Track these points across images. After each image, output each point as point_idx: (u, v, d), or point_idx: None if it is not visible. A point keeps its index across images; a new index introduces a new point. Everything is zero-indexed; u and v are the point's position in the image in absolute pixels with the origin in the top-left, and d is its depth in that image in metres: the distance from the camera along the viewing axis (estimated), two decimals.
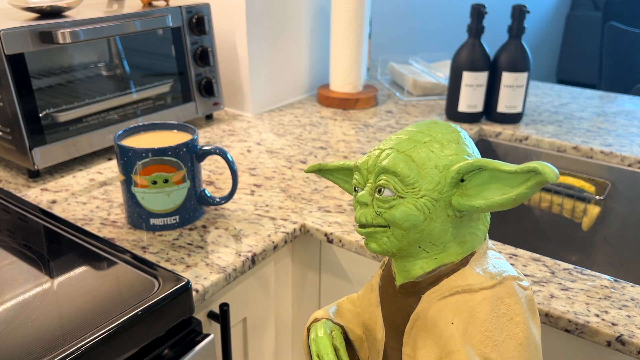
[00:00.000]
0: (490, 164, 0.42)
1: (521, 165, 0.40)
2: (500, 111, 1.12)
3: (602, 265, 1.09)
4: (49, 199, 0.80)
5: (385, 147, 0.46)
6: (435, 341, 0.44)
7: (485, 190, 0.42)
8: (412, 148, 0.44)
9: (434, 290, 0.45)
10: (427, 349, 0.45)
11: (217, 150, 0.72)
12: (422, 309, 0.45)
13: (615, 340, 0.56)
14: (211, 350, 0.59)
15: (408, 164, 0.44)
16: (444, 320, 0.44)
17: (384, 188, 0.44)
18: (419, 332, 0.45)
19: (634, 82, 2.44)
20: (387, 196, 0.44)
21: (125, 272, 0.59)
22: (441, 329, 0.44)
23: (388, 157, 0.44)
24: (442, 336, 0.43)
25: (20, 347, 0.48)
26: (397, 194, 0.44)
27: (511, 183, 0.41)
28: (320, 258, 0.80)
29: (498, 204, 0.41)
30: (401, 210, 0.43)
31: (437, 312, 0.44)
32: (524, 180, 0.40)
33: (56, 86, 0.88)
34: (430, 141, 0.45)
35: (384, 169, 0.44)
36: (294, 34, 1.23)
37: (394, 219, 0.44)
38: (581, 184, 1.04)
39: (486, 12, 1.08)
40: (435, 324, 0.44)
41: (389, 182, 0.44)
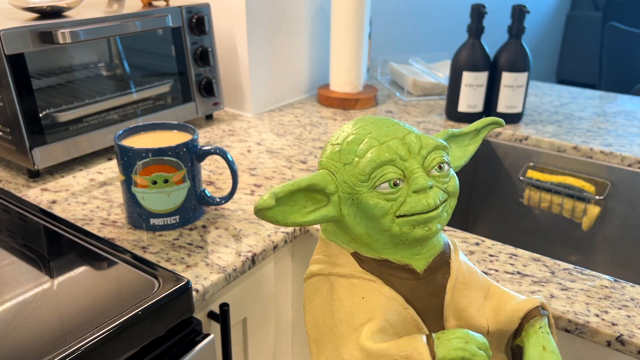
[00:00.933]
0: (457, 131, 0.53)
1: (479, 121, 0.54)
2: (500, 111, 1.12)
3: (602, 265, 1.09)
4: (49, 199, 0.80)
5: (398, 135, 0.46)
6: (477, 287, 0.50)
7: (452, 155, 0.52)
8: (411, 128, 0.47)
9: (453, 251, 0.50)
10: (474, 300, 0.49)
11: (217, 150, 0.72)
12: (456, 270, 0.49)
13: (615, 340, 0.56)
14: (211, 350, 0.59)
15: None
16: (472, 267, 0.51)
17: (443, 164, 0.46)
18: (460, 294, 0.49)
19: (634, 82, 2.43)
20: (447, 170, 0.46)
21: (125, 272, 0.59)
22: (476, 274, 0.51)
23: (427, 137, 0.46)
24: (479, 279, 0.51)
25: (20, 347, 0.48)
26: (449, 166, 0.47)
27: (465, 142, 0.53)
28: None
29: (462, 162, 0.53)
30: (456, 178, 0.47)
31: (466, 265, 0.50)
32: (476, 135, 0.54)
33: (56, 86, 0.88)
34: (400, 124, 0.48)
35: (436, 147, 0.46)
36: (294, 34, 1.23)
37: (456, 189, 0.47)
38: (581, 184, 1.04)
39: (486, 12, 1.08)
40: (471, 273, 0.50)
41: (442, 156, 0.46)
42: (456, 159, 0.53)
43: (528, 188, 1.11)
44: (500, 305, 0.49)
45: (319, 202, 0.46)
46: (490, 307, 0.50)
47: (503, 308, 0.49)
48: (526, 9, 1.07)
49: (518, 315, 0.48)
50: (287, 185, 0.44)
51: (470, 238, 0.73)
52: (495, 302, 0.50)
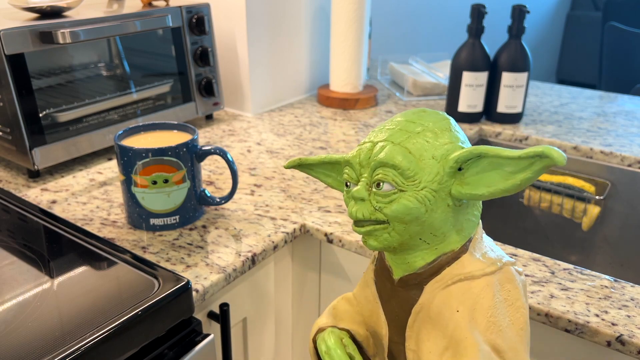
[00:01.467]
0: (491, 150, 0.41)
1: (526, 151, 0.39)
2: (500, 111, 1.12)
3: (602, 265, 1.09)
4: (49, 199, 0.80)
5: (377, 139, 0.44)
6: (442, 331, 0.44)
7: (485, 178, 0.42)
8: (407, 139, 0.43)
9: (436, 280, 0.44)
10: (432, 341, 0.44)
11: (217, 150, 0.72)
12: (425, 300, 0.45)
13: (615, 340, 0.56)
14: (211, 350, 0.59)
15: (406, 156, 0.42)
16: (449, 309, 0.43)
17: (382, 182, 0.43)
18: (422, 325, 0.45)
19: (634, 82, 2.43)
20: (387, 190, 0.43)
21: (125, 272, 0.59)
22: (447, 318, 0.43)
23: (383, 150, 0.43)
24: (449, 325, 0.43)
25: (20, 347, 0.48)
26: (397, 187, 0.42)
27: (514, 168, 0.40)
28: (320, 258, 0.80)
29: (502, 191, 0.41)
30: (402, 204, 0.42)
31: (442, 301, 0.44)
32: (528, 164, 0.40)
33: (56, 86, 0.88)
34: (424, 130, 0.43)
35: (381, 163, 0.43)
36: (294, 34, 1.23)
37: (396, 214, 0.43)
38: (581, 184, 1.04)
39: (486, 12, 1.08)
40: (440, 313, 0.44)
41: (387, 175, 0.42)
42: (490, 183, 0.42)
43: (528, 188, 1.11)
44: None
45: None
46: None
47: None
48: (526, 9, 1.07)
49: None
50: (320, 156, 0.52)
51: None
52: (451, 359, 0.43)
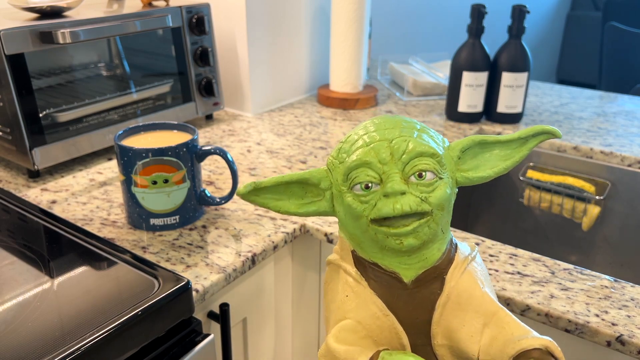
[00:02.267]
0: (489, 138, 0.47)
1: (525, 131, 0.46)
2: (500, 111, 1.12)
3: (602, 265, 1.09)
4: (49, 199, 0.80)
5: (391, 136, 0.44)
6: (476, 310, 0.45)
7: (481, 161, 0.47)
8: (420, 133, 0.45)
9: (454, 267, 0.46)
10: (468, 324, 0.45)
11: (217, 150, 0.72)
12: (450, 288, 0.46)
13: (615, 340, 0.56)
14: (211, 350, 0.59)
15: (437, 146, 0.45)
16: (477, 288, 0.46)
17: (425, 172, 0.43)
18: (451, 315, 0.46)
19: (634, 82, 2.43)
20: (430, 179, 0.44)
21: (125, 272, 0.59)
22: (478, 297, 0.45)
23: (411, 142, 0.44)
24: (483, 303, 0.45)
25: (20, 347, 0.48)
26: (437, 175, 0.44)
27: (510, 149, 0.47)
28: (320, 258, 0.80)
29: (504, 169, 0.47)
30: (444, 190, 0.44)
31: (468, 284, 0.46)
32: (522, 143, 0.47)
33: (56, 86, 0.88)
34: (422, 127, 0.46)
35: (419, 153, 0.43)
36: (294, 34, 1.23)
37: (440, 201, 0.44)
38: (581, 184, 1.04)
39: (486, 12, 1.08)
40: (470, 295, 0.46)
41: (429, 164, 0.44)
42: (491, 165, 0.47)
43: (528, 188, 1.11)
44: (498, 335, 0.44)
45: (317, 196, 0.49)
46: (490, 335, 0.45)
47: (499, 339, 0.44)
48: (526, 9, 1.07)
49: (508, 353, 0.42)
50: (275, 177, 0.48)
51: (470, 238, 0.73)
52: (496, 331, 0.45)
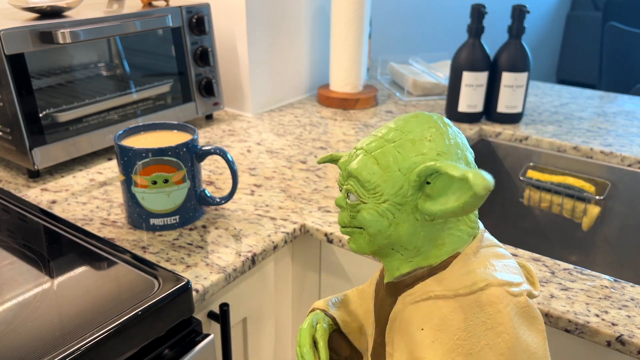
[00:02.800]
0: (443, 167, 0.39)
1: (461, 171, 0.37)
2: (500, 111, 1.12)
3: (602, 265, 1.09)
4: (49, 199, 0.80)
5: (359, 146, 0.45)
6: (406, 345, 0.43)
7: (445, 195, 0.40)
8: (380, 149, 0.43)
9: (409, 293, 0.44)
10: (400, 351, 0.44)
11: (217, 150, 0.72)
12: (397, 310, 0.45)
13: (615, 340, 0.56)
14: (211, 350, 0.59)
15: (370, 168, 0.42)
16: (415, 325, 0.43)
17: (349, 193, 0.44)
18: (395, 333, 0.45)
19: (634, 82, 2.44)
20: (353, 201, 0.44)
21: (125, 272, 0.59)
22: (411, 334, 0.43)
23: (355, 160, 0.44)
24: (412, 341, 0.43)
25: (20, 347, 0.48)
26: (359, 199, 0.43)
27: (462, 189, 0.39)
28: (320, 258, 0.80)
29: (451, 212, 0.39)
30: (363, 215, 0.43)
31: (409, 316, 0.43)
32: (468, 187, 0.38)
33: (56, 86, 0.88)
34: (402, 140, 0.42)
35: (349, 173, 0.44)
36: (294, 34, 1.23)
37: (363, 223, 0.43)
38: (581, 184, 1.04)
39: (486, 12, 1.08)
40: (407, 327, 0.43)
41: (352, 186, 0.43)
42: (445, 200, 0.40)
43: (528, 188, 1.11)
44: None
45: None
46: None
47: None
48: (526, 9, 1.07)
49: None
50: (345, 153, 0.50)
51: None
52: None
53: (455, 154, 0.42)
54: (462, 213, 0.39)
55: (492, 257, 0.44)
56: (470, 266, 0.43)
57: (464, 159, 0.43)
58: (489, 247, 0.44)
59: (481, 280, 0.41)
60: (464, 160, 0.43)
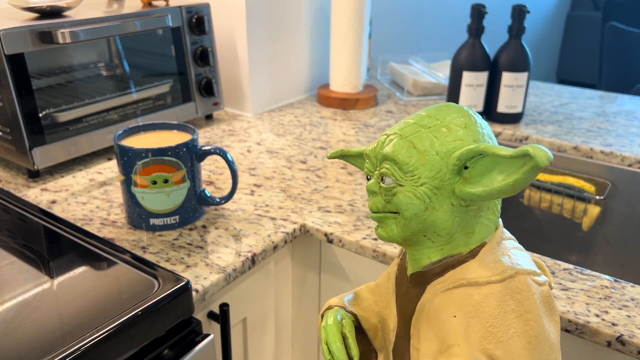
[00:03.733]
0: (490, 149, 0.40)
1: (516, 150, 0.38)
2: (500, 111, 1.12)
3: (602, 266, 1.09)
4: (48, 199, 0.80)
5: (391, 132, 0.45)
6: (436, 333, 0.43)
7: (487, 177, 0.41)
8: (416, 133, 0.43)
9: (439, 282, 0.44)
10: (428, 342, 0.44)
11: (217, 150, 0.72)
12: (426, 299, 0.45)
13: (616, 340, 0.56)
14: (211, 350, 0.59)
15: (408, 151, 0.42)
16: (446, 312, 0.43)
17: (385, 176, 0.44)
18: (422, 324, 0.45)
19: (634, 82, 2.43)
20: (388, 184, 0.43)
21: (125, 272, 0.59)
22: (443, 322, 0.43)
23: (390, 143, 0.44)
24: (443, 329, 0.43)
25: (20, 347, 0.48)
26: (396, 181, 0.43)
27: (509, 169, 0.40)
28: (320, 258, 0.80)
29: (497, 191, 0.40)
30: (400, 198, 0.43)
31: (440, 304, 0.43)
32: (520, 165, 0.38)
33: (56, 86, 0.88)
34: (437, 126, 0.43)
35: (384, 157, 0.44)
36: (294, 34, 1.23)
37: (399, 207, 0.43)
38: (581, 184, 1.04)
39: (486, 12, 1.08)
40: (437, 316, 0.43)
41: (388, 169, 0.43)
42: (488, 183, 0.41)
43: (528, 188, 1.11)
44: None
45: None
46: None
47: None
48: (526, 9, 1.07)
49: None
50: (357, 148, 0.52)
51: None
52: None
53: (488, 142, 0.44)
54: (511, 192, 0.40)
55: (513, 248, 0.45)
56: (497, 255, 0.44)
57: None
58: (507, 240, 0.46)
59: (510, 268, 0.43)
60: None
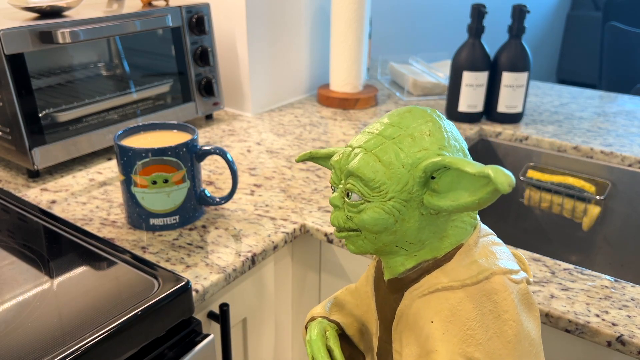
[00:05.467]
0: (455, 163, 0.39)
1: (478, 168, 0.37)
2: (500, 111, 1.12)
3: (602, 265, 1.09)
4: (48, 199, 0.80)
5: (356, 144, 0.44)
6: (416, 339, 0.43)
7: (454, 190, 0.40)
8: (380, 146, 0.42)
9: (415, 288, 0.44)
10: (409, 347, 0.44)
11: (217, 150, 0.72)
12: (404, 306, 0.45)
13: (616, 340, 0.56)
14: (211, 350, 0.59)
15: (373, 167, 0.41)
16: (424, 318, 0.43)
17: (351, 192, 0.43)
18: (403, 329, 0.45)
19: (634, 82, 2.43)
20: (355, 200, 0.42)
21: (125, 272, 0.59)
22: (421, 327, 0.43)
23: (355, 158, 0.43)
24: (422, 335, 0.43)
25: (20, 347, 0.48)
26: (363, 198, 0.42)
27: (473, 185, 0.39)
28: (320, 258, 0.80)
29: (464, 207, 0.39)
30: (369, 215, 0.42)
31: (418, 310, 0.43)
32: (484, 183, 0.38)
33: (56, 86, 0.88)
34: (401, 136, 0.42)
35: (349, 172, 0.43)
36: (294, 34, 1.23)
37: (363, 224, 0.42)
38: (581, 184, 1.04)
39: (486, 12, 1.08)
40: (416, 322, 0.43)
41: (355, 186, 0.42)
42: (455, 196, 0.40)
43: (528, 188, 1.11)
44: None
45: None
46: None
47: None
48: (526, 9, 1.07)
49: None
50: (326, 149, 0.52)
51: None
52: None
53: (454, 146, 0.42)
54: (477, 208, 0.39)
55: (491, 246, 0.44)
56: (473, 257, 0.43)
57: (462, 150, 0.43)
58: (486, 236, 0.45)
59: (485, 269, 0.42)
60: (462, 151, 0.43)
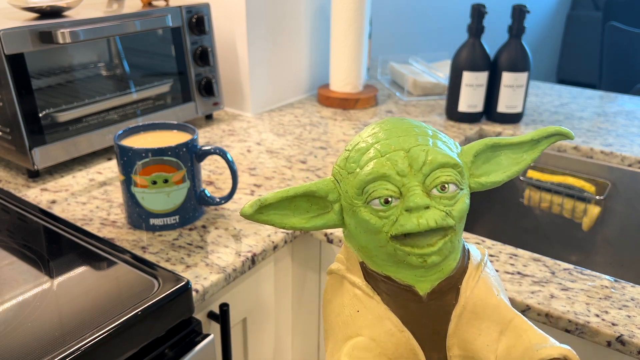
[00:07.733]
0: (503, 140, 0.45)
1: (538, 132, 0.44)
2: (500, 111, 1.12)
3: (602, 265, 1.09)
4: (48, 199, 0.80)
5: (408, 145, 0.41)
6: (492, 319, 0.44)
7: (493, 165, 0.45)
8: (435, 140, 0.42)
9: (467, 277, 0.45)
10: (484, 333, 0.44)
11: (217, 150, 0.72)
12: (466, 297, 0.44)
13: (616, 340, 0.56)
14: (211, 351, 0.59)
15: (452, 154, 0.42)
16: (492, 295, 0.45)
17: (448, 184, 0.41)
18: (467, 325, 0.44)
19: (634, 82, 2.43)
20: (453, 191, 0.41)
21: (125, 272, 0.59)
22: (494, 305, 0.44)
23: (434, 152, 0.41)
24: (498, 310, 0.44)
25: (20, 347, 0.48)
26: (459, 186, 0.42)
27: (519, 152, 0.45)
28: (320, 258, 0.80)
29: (516, 172, 0.45)
30: (465, 202, 0.42)
31: (483, 293, 0.45)
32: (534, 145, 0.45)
33: (56, 86, 0.88)
34: (434, 133, 0.43)
35: (441, 164, 0.41)
36: (294, 34, 1.23)
37: (462, 214, 0.42)
38: (581, 184, 1.04)
39: (486, 12, 1.08)
40: (486, 304, 0.44)
41: (450, 175, 0.41)
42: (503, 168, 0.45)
43: (528, 188, 1.11)
44: (516, 344, 0.43)
45: (324, 208, 0.45)
46: (506, 344, 0.43)
47: (517, 348, 0.43)
48: (526, 9, 1.07)
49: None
50: (279, 192, 0.43)
51: (470, 238, 0.73)
52: (512, 339, 0.43)
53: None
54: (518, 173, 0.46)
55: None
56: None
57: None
58: None
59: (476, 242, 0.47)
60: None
